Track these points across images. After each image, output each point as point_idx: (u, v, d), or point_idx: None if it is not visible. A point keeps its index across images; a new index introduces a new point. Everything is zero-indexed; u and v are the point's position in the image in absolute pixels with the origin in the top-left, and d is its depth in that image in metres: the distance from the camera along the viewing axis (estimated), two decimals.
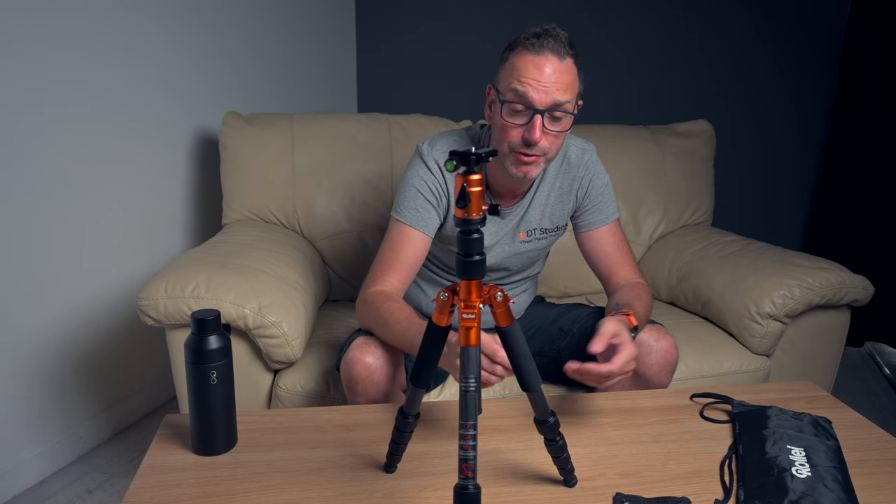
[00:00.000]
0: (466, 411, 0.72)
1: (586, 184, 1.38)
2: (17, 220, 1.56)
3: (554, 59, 1.14)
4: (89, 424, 1.83)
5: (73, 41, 1.63)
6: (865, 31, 2.68)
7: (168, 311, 1.35)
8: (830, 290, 1.63)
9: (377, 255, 1.32)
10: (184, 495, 0.88)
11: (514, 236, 1.38)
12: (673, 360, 1.29)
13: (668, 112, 2.81)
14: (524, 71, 1.14)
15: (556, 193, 1.38)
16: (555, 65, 1.14)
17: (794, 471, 0.93)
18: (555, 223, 1.40)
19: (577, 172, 1.37)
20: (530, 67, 1.14)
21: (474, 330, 0.74)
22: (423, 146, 1.33)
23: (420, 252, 1.30)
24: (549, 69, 1.14)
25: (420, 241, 1.30)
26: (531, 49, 1.15)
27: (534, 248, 1.42)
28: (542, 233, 1.40)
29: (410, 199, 1.30)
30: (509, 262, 1.42)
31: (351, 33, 2.95)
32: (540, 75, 1.14)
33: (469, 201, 0.70)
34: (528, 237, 1.39)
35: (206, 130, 2.14)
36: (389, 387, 1.20)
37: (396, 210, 1.31)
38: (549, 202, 1.38)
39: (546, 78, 1.14)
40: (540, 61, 1.14)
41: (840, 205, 2.83)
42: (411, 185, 1.31)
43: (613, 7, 2.85)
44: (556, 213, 1.39)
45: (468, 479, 0.72)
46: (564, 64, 1.15)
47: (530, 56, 1.15)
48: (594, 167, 1.38)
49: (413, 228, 1.29)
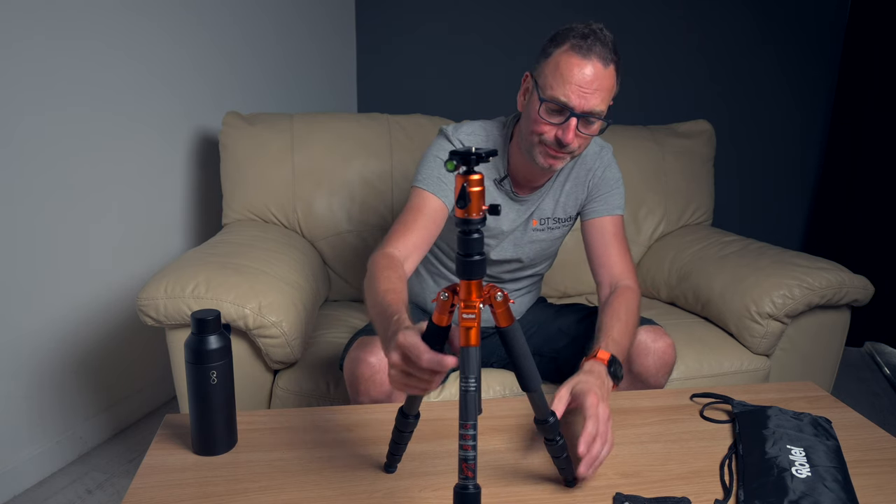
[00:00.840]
0: (466, 411, 0.72)
1: (599, 174, 1.39)
2: (18, 220, 1.56)
3: (599, 64, 1.14)
4: (89, 424, 1.83)
5: (73, 41, 1.63)
6: (865, 31, 2.68)
7: (168, 311, 1.35)
8: (830, 290, 1.63)
9: (395, 221, 1.28)
10: (184, 495, 0.88)
11: (527, 224, 1.39)
12: (670, 360, 1.29)
13: (668, 112, 2.81)
14: (568, 73, 1.14)
15: (571, 183, 1.39)
16: (599, 71, 1.14)
17: (794, 471, 0.93)
18: (567, 213, 1.41)
19: (593, 164, 1.39)
20: (574, 71, 1.14)
21: (474, 330, 0.74)
22: (447, 128, 1.34)
23: (438, 221, 1.27)
24: (592, 75, 1.14)
25: (440, 209, 1.27)
26: (578, 51, 1.14)
27: (546, 238, 1.43)
28: (554, 222, 1.41)
29: (434, 168, 1.28)
30: (523, 251, 1.42)
31: (351, 33, 2.95)
32: (583, 80, 1.13)
33: (469, 201, 0.69)
34: (541, 225, 1.40)
35: (206, 130, 2.14)
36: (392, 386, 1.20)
37: (417, 179, 1.29)
38: (564, 191, 1.39)
39: (588, 84, 1.14)
40: (585, 65, 1.13)
41: (840, 205, 2.83)
42: (435, 156, 1.30)
43: (613, 7, 2.85)
44: (569, 203, 1.40)
45: (468, 479, 0.72)
46: (608, 71, 1.15)
47: (576, 59, 1.14)
48: (609, 162, 1.40)
49: (433, 195, 1.26)
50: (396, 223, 1.26)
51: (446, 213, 1.28)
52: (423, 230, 1.24)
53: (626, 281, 1.32)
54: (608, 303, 1.27)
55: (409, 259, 1.21)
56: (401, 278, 1.11)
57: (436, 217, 1.26)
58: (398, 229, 1.23)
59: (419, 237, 1.23)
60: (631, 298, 1.27)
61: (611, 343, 1.14)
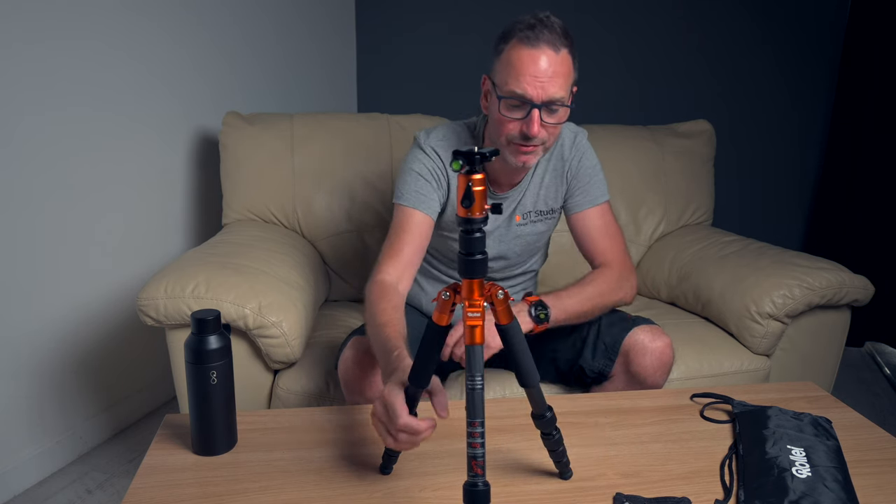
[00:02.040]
0: (474, 409, 0.73)
1: (575, 165, 1.38)
2: (18, 220, 1.56)
3: (550, 51, 1.13)
4: (89, 424, 1.83)
5: (73, 41, 1.63)
6: (865, 31, 2.68)
7: (168, 311, 1.35)
8: (830, 290, 1.63)
9: (384, 243, 1.30)
10: (184, 495, 0.88)
11: (510, 220, 1.39)
12: (668, 360, 1.29)
13: (668, 112, 2.80)
14: (520, 66, 1.13)
15: (550, 175, 1.39)
16: (551, 58, 1.13)
17: (795, 471, 0.93)
18: (549, 205, 1.41)
19: (568, 154, 1.38)
20: (526, 62, 1.13)
21: (479, 328, 0.74)
22: (419, 135, 1.35)
23: (425, 234, 1.29)
24: (545, 63, 1.13)
25: (424, 222, 1.28)
26: (526, 42, 1.13)
27: (531, 233, 1.42)
28: (537, 215, 1.41)
29: (411, 183, 1.29)
30: (507, 248, 1.42)
31: (351, 33, 2.95)
32: (536, 70, 1.13)
33: (473, 200, 0.70)
34: (524, 220, 1.40)
35: (206, 130, 2.14)
36: None
37: (397, 196, 1.30)
38: (544, 184, 1.39)
39: (542, 73, 1.13)
40: (536, 54, 1.13)
41: (840, 205, 2.83)
42: (411, 170, 1.31)
43: (613, 7, 2.85)
44: (549, 196, 1.40)
45: (478, 477, 0.72)
46: (560, 56, 1.14)
47: (525, 49, 1.13)
48: (583, 149, 1.39)
49: (416, 210, 1.28)
50: (385, 245, 1.28)
51: (432, 224, 1.31)
52: (411, 246, 1.26)
53: (612, 263, 1.38)
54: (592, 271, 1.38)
55: (403, 280, 1.24)
56: (396, 308, 1.13)
57: (422, 231, 1.28)
58: (387, 252, 1.26)
59: (408, 255, 1.26)
60: (603, 272, 1.35)
61: (552, 294, 1.27)
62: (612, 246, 1.39)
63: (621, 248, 1.40)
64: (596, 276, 1.36)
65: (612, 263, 1.37)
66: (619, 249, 1.39)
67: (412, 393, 0.84)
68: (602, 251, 1.38)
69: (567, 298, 1.29)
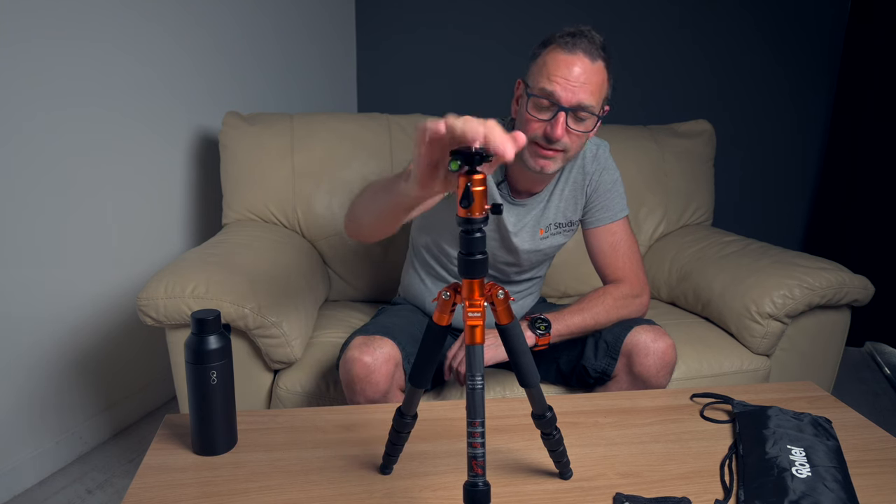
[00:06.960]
0: (474, 409, 0.72)
1: (596, 179, 1.39)
2: (18, 219, 1.56)
3: (586, 59, 1.15)
4: (89, 424, 1.83)
5: (73, 41, 1.63)
6: (865, 31, 2.68)
7: (168, 311, 1.35)
8: (830, 290, 1.63)
9: None
10: (184, 495, 0.88)
11: (534, 231, 1.39)
12: (671, 361, 1.30)
13: (668, 112, 2.81)
14: (554, 68, 1.15)
15: (570, 188, 1.39)
16: (585, 65, 1.15)
17: (795, 471, 0.93)
18: (568, 218, 1.41)
19: (589, 168, 1.38)
20: (561, 65, 1.15)
21: (480, 328, 0.74)
22: None
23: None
24: (578, 69, 1.15)
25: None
26: (564, 47, 1.16)
27: (550, 245, 1.43)
28: (556, 227, 1.41)
29: None
30: (528, 257, 1.42)
31: (351, 33, 2.95)
32: (569, 74, 1.14)
33: (472, 200, 0.69)
34: (546, 233, 1.40)
35: (205, 130, 2.14)
36: (388, 386, 1.20)
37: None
38: (564, 197, 1.39)
39: (575, 77, 1.14)
40: (571, 60, 1.15)
41: (840, 205, 2.83)
42: None
43: (614, 7, 2.85)
44: (569, 208, 1.40)
45: (478, 477, 0.72)
46: (595, 66, 1.16)
47: (562, 54, 1.15)
48: (605, 163, 1.39)
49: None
50: None
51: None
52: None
53: (625, 280, 1.37)
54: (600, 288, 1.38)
55: None
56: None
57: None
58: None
59: None
60: (613, 288, 1.36)
61: (555, 312, 1.30)
62: (627, 263, 1.39)
63: (635, 264, 1.40)
64: (605, 292, 1.35)
65: (625, 280, 1.37)
66: (632, 266, 1.39)
67: (412, 393, 0.84)
68: (615, 268, 1.38)
69: (570, 317, 1.30)
